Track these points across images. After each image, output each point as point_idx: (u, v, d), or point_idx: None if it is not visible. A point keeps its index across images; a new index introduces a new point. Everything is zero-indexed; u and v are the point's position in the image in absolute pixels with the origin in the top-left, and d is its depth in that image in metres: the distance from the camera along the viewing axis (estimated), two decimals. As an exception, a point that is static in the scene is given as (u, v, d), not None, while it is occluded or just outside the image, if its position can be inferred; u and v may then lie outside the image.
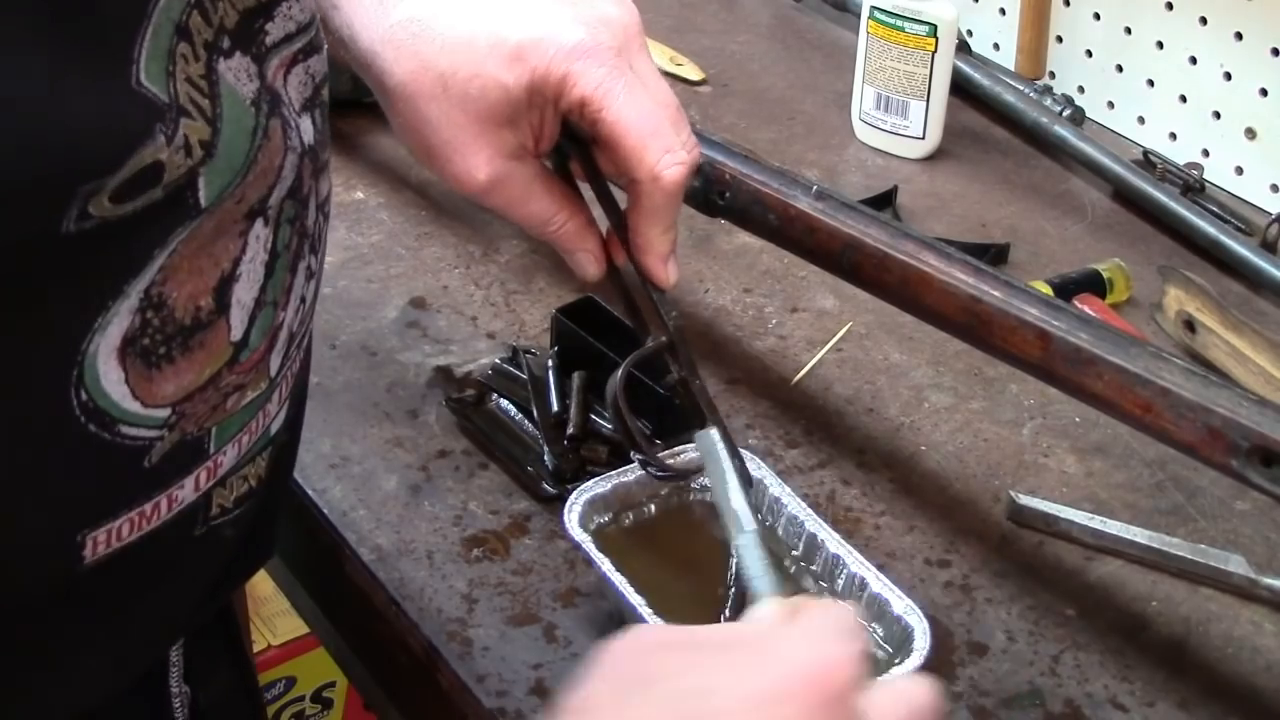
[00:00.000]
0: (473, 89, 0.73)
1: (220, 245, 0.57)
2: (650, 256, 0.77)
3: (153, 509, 0.59)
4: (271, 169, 0.59)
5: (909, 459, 0.93)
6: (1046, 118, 1.27)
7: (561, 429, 0.90)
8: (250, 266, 0.59)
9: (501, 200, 0.77)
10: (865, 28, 1.25)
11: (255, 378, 0.62)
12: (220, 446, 0.62)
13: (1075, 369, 0.75)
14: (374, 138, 1.25)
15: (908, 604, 0.75)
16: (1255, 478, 0.69)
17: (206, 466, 0.62)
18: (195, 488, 0.61)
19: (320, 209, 0.67)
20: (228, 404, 0.61)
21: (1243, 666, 0.79)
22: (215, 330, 0.58)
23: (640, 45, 0.75)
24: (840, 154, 1.29)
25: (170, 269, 0.55)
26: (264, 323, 0.61)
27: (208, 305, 0.57)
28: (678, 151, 0.73)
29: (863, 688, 0.52)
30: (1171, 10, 1.25)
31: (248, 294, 0.59)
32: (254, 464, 0.66)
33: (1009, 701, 0.76)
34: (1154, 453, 0.93)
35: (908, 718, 0.55)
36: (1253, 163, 1.23)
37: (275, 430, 0.67)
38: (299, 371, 0.70)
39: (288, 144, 0.60)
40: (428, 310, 1.04)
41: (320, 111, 0.66)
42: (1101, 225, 1.20)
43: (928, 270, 0.81)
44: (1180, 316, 1.03)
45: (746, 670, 0.52)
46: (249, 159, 0.57)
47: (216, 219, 0.56)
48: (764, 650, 0.54)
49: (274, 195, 0.60)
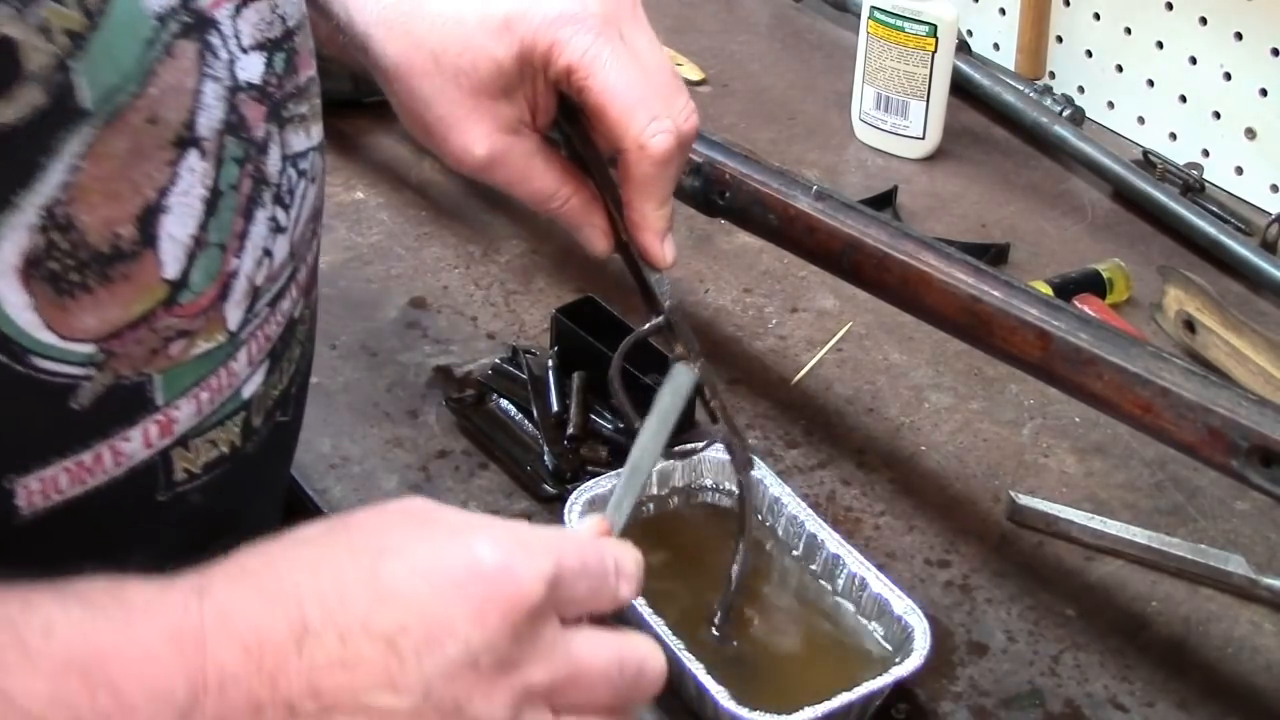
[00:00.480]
0: (464, 63, 0.73)
1: (141, 171, 0.56)
2: (645, 233, 0.75)
3: (94, 460, 0.58)
4: (184, 91, 0.57)
5: (909, 459, 0.93)
6: (1046, 118, 1.27)
7: (561, 429, 0.90)
8: (184, 200, 0.58)
9: (502, 176, 0.76)
10: (865, 28, 1.25)
11: (206, 326, 0.61)
12: (171, 399, 0.61)
13: (1075, 369, 0.75)
14: (374, 138, 1.25)
15: (908, 604, 0.75)
16: (1255, 478, 0.69)
17: (157, 420, 0.60)
18: (146, 443, 0.60)
19: (291, 162, 0.66)
20: (171, 350, 0.60)
21: (1242, 666, 0.79)
22: (141, 263, 0.57)
23: (632, 14, 0.74)
24: (840, 154, 1.29)
25: (76, 188, 0.53)
26: (208, 266, 0.60)
27: (129, 234, 0.56)
28: (663, 120, 0.71)
29: (549, 614, 0.54)
30: (1171, 10, 1.25)
31: (181, 230, 0.58)
32: (224, 428, 0.65)
33: (1009, 701, 0.76)
34: (1154, 453, 0.93)
35: (617, 663, 0.56)
36: (1253, 163, 1.23)
37: (250, 395, 0.66)
38: (283, 336, 0.69)
39: (206, 71, 0.59)
40: (428, 310, 1.04)
41: (285, 57, 0.65)
42: (1101, 225, 1.19)
43: (928, 270, 0.81)
44: (1180, 316, 1.03)
45: (441, 549, 0.54)
46: (143, 69, 0.55)
47: (129, 139, 0.55)
48: (471, 541, 0.54)
49: (201, 124, 0.59)
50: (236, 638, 0.51)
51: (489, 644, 0.52)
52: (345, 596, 0.52)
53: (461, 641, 0.52)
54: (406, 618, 0.52)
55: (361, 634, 0.52)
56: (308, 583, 0.52)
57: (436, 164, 1.22)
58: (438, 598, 0.53)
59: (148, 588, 0.52)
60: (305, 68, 0.68)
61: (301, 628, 0.51)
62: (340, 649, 0.51)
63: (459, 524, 0.56)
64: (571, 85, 0.72)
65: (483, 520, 0.57)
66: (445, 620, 0.52)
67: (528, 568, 0.54)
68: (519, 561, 0.54)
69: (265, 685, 0.51)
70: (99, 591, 0.52)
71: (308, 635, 0.51)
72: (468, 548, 0.54)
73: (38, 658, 0.49)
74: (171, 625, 0.51)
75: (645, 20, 0.75)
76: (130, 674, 0.50)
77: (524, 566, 0.54)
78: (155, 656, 0.50)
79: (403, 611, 0.52)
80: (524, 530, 0.57)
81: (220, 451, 0.65)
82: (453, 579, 0.53)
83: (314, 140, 0.70)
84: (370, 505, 0.58)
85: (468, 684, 0.52)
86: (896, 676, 0.71)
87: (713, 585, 0.77)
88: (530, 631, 0.54)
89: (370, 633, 0.52)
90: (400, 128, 1.26)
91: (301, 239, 0.69)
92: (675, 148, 0.72)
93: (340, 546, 0.54)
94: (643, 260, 0.76)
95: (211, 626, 0.51)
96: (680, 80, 0.75)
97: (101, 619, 0.51)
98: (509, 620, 0.53)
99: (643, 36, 0.74)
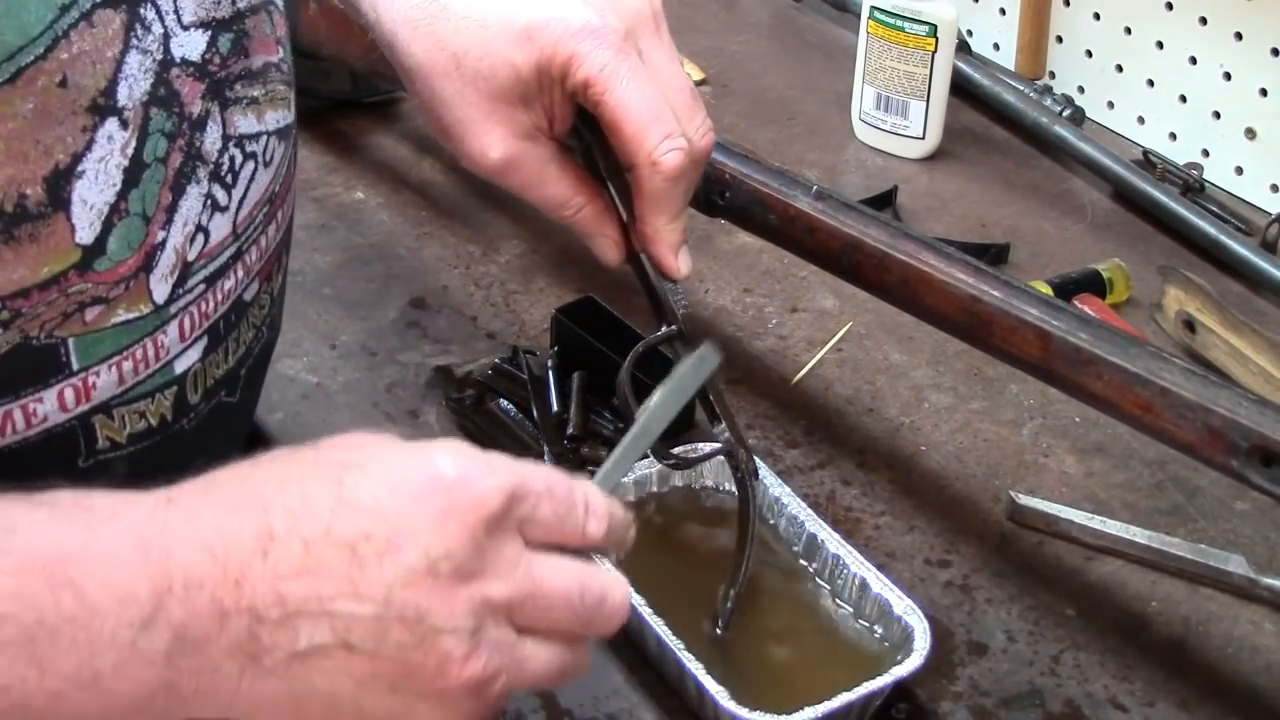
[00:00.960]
0: (483, 68, 0.73)
1: (52, 134, 0.56)
2: (659, 246, 0.76)
3: (4, 418, 0.59)
4: (102, 59, 0.58)
5: (909, 459, 0.93)
6: (1046, 118, 1.27)
7: (561, 429, 0.90)
8: (100, 167, 0.59)
9: (516, 181, 0.77)
10: (865, 28, 1.25)
11: (128, 296, 0.62)
12: (88, 364, 0.61)
13: (1075, 369, 0.75)
14: (374, 138, 1.25)
15: (908, 604, 0.75)
16: (1255, 478, 0.69)
17: (73, 384, 0.61)
18: (61, 406, 0.61)
19: (235, 143, 0.67)
20: (86, 315, 0.60)
21: (1242, 666, 0.79)
22: (51, 225, 0.58)
23: (653, 28, 0.75)
24: (840, 154, 1.29)
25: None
26: (128, 235, 0.61)
27: (37, 195, 0.57)
28: (677, 137, 0.72)
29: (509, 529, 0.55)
30: (1171, 10, 1.25)
31: (97, 196, 0.59)
32: (153, 400, 0.65)
33: (1009, 701, 0.76)
34: (1154, 453, 0.93)
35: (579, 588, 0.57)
36: (1253, 163, 1.23)
37: (183, 370, 0.66)
38: (228, 315, 0.69)
39: (133, 42, 0.59)
40: (428, 310, 1.04)
41: (233, 39, 0.66)
42: (1101, 225, 1.19)
43: (928, 270, 0.81)
44: (1180, 316, 1.03)
45: (404, 462, 0.55)
46: (54, 33, 0.56)
47: (35, 100, 0.55)
48: (433, 455, 0.56)
49: (121, 94, 0.59)
50: (203, 544, 0.52)
51: (447, 551, 0.53)
52: (310, 505, 0.53)
53: (421, 548, 0.53)
54: (369, 525, 0.53)
55: (324, 541, 0.53)
56: (273, 492, 0.54)
57: (437, 164, 1.22)
58: (398, 507, 0.54)
59: (114, 497, 0.53)
60: (261, 51, 0.69)
61: (267, 535, 0.53)
62: (304, 556, 0.52)
63: (423, 444, 0.58)
64: (588, 98, 0.73)
65: (449, 442, 0.58)
66: (405, 528, 0.53)
67: (487, 479, 0.55)
68: (478, 473, 0.55)
69: (230, 591, 0.52)
70: (65, 497, 0.53)
71: (273, 542, 0.52)
72: (429, 460, 0.56)
73: (1, 555, 0.50)
74: (137, 529, 0.52)
75: (667, 35, 0.76)
76: (94, 575, 0.50)
77: (483, 478, 0.55)
78: (120, 559, 0.51)
79: (365, 519, 0.53)
80: (493, 455, 0.58)
81: (148, 423, 0.66)
82: (413, 489, 0.54)
83: (268, 125, 0.70)
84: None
85: (427, 591, 0.53)
86: (896, 677, 0.71)
87: (713, 585, 0.77)
88: (490, 543, 0.55)
89: (333, 540, 0.53)
90: (400, 128, 1.27)
91: (250, 221, 0.69)
92: (688, 164, 0.73)
93: (306, 462, 0.56)
94: (658, 272, 0.77)
95: (177, 532, 0.52)
96: (698, 97, 0.75)
97: (67, 521, 0.52)
98: (467, 528, 0.54)
99: (662, 52, 0.75)
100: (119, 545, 0.51)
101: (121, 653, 0.50)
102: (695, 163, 0.74)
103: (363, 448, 0.57)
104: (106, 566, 0.51)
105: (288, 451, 0.57)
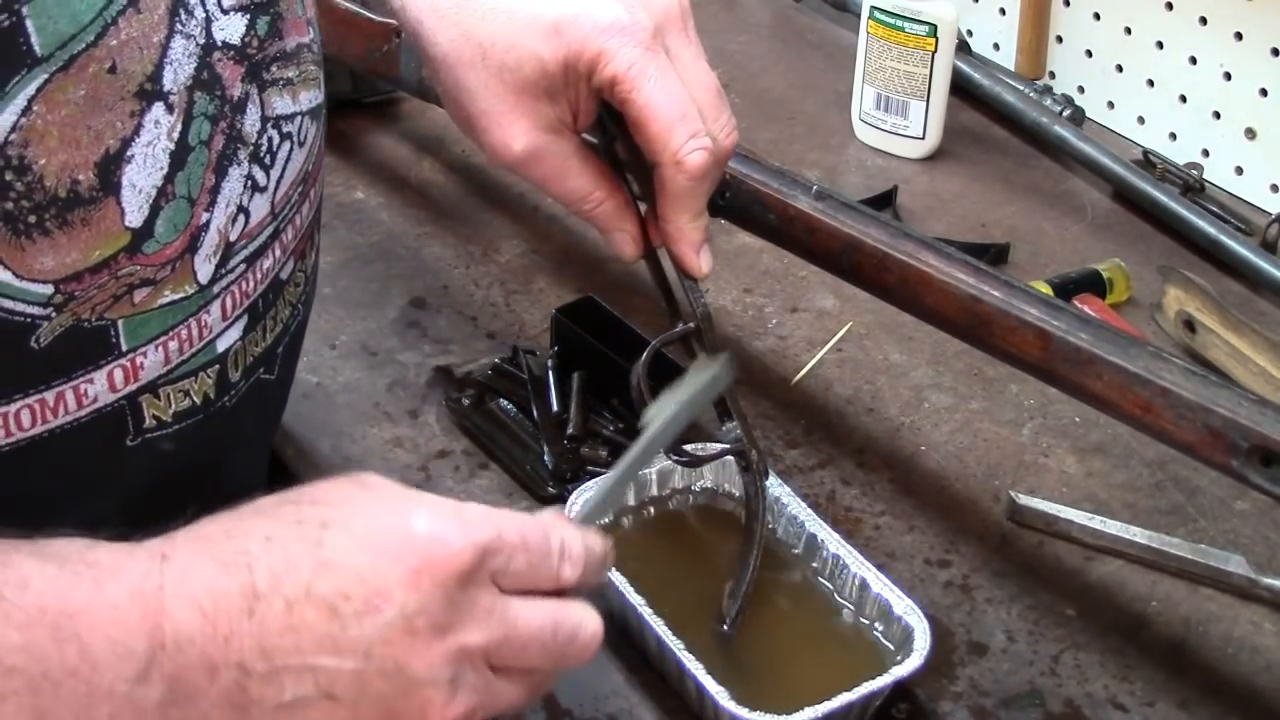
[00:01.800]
0: (510, 60, 0.73)
1: (102, 120, 0.57)
2: (681, 245, 0.76)
3: (56, 400, 0.60)
4: (149, 44, 0.58)
5: (909, 459, 0.93)
6: (1046, 118, 1.27)
7: (561, 429, 0.90)
8: (147, 151, 0.59)
9: (538, 174, 0.77)
10: (865, 28, 1.25)
11: (173, 277, 0.63)
12: (136, 345, 0.62)
13: (1075, 369, 0.75)
14: (374, 138, 1.25)
15: (909, 604, 0.75)
16: (1255, 478, 0.69)
17: (122, 365, 0.62)
18: (110, 386, 0.62)
19: (273, 124, 0.67)
20: (135, 297, 0.61)
21: (1242, 666, 0.79)
22: (102, 209, 0.58)
23: (681, 26, 0.75)
24: (840, 154, 1.29)
25: (30, 130, 0.55)
26: (175, 217, 0.61)
27: (89, 180, 0.57)
28: (702, 137, 0.72)
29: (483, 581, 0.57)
30: (1171, 10, 1.25)
31: (145, 179, 0.60)
32: (196, 379, 0.66)
33: (1009, 701, 0.76)
34: (1154, 453, 0.93)
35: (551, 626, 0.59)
36: (1253, 163, 1.23)
37: (225, 348, 0.67)
38: (266, 294, 0.70)
39: (178, 27, 0.60)
40: (428, 310, 1.04)
41: (270, 21, 0.66)
42: (1101, 225, 1.19)
43: (928, 270, 0.81)
44: (1180, 316, 1.03)
45: (380, 522, 0.57)
46: (103, 20, 0.56)
47: (87, 86, 0.56)
48: (408, 513, 0.57)
49: (167, 79, 0.59)
50: (194, 601, 0.54)
51: (422, 607, 0.55)
52: (291, 565, 0.55)
53: (397, 606, 0.55)
54: (347, 585, 0.55)
55: (305, 601, 0.55)
56: (258, 551, 0.55)
57: (437, 164, 1.22)
58: (375, 566, 0.55)
59: (115, 550, 0.55)
60: (294, 33, 0.69)
61: (252, 594, 0.54)
62: (287, 615, 0.54)
63: (401, 498, 0.59)
64: (614, 96, 0.72)
65: (427, 496, 0.59)
66: (382, 587, 0.55)
67: (459, 536, 0.57)
68: (450, 530, 0.57)
69: (219, 647, 0.54)
70: (72, 551, 0.54)
71: (258, 601, 0.54)
72: (404, 519, 0.57)
73: (12, 610, 0.52)
74: (135, 586, 0.54)
75: (694, 33, 0.76)
76: (96, 630, 0.52)
77: (455, 535, 0.57)
78: (120, 615, 0.53)
79: (343, 579, 0.55)
80: (469, 507, 0.59)
81: (192, 401, 0.66)
82: (389, 548, 0.56)
83: (302, 105, 0.70)
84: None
85: (405, 646, 0.55)
86: (896, 677, 0.71)
87: (711, 585, 0.77)
88: (463, 596, 0.56)
89: (313, 600, 0.55)
90: (400, 128, 1.27)
91: (286, 200, 0.70)
92: (711, 164, 0.73)
93: (289, 519, 0.57)
94: (679, 270, 0.77)
95: (170, 589, 0.54)
96: (723, 96, 0.75)
97: (73, 577, 0.53)
98: (441, 585, 0.56)
99: (690, 50, 0.75)
100: (119, 602, 0.53)
101: (118, 704, 0.53)
102: (718, 162, 0.74)
103: (345, 505, 0.58)
104: (107, 623, 0.53)
105: (274, 503, 0.58)
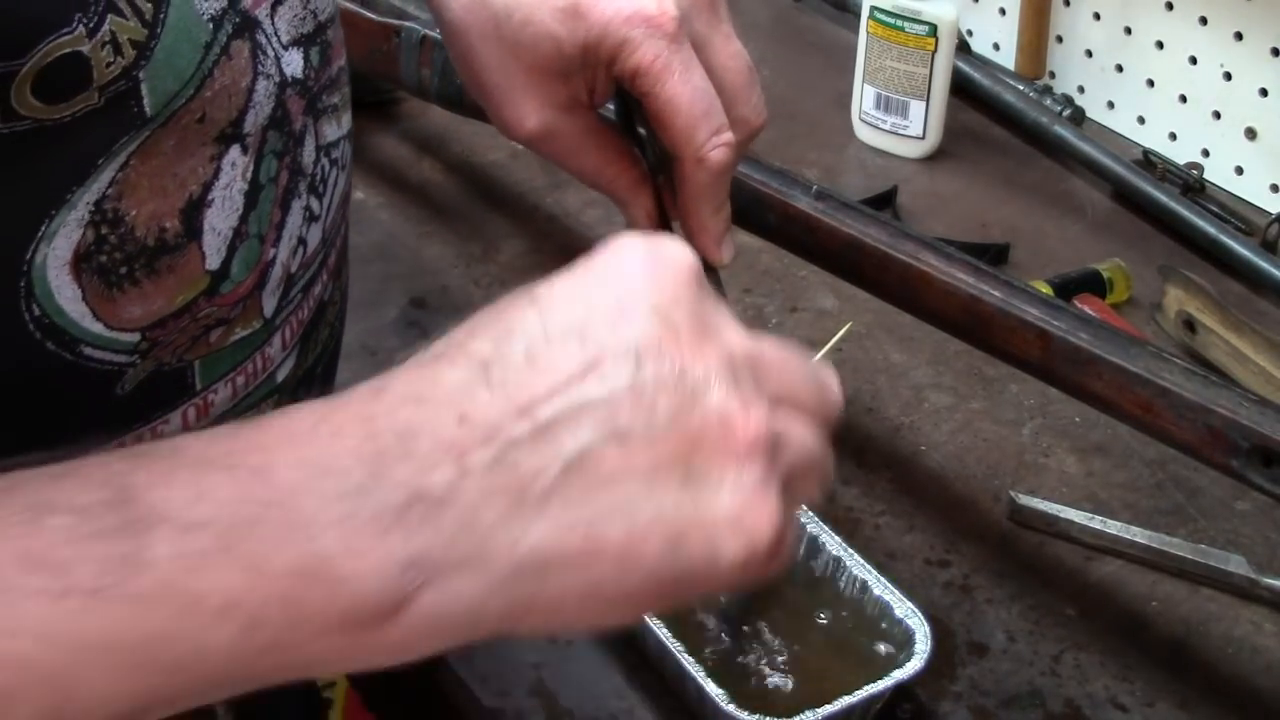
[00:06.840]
0: (524, 36, 0.70)
1: (186, 166, 0.57)
2: (704, 238, 0.73)
3: (135, 442, 0.59)
4: (237, 90, 0.58)
5: (909, 459, 0.92)
6: (1046, 118, 1.27)
7: (562, 429, 0.89)
8: (225, 194, 0.59)
9: (552, 150, 0.74)
10: (865, 28, 1.25)
11: (244, 314, 0.62)
12: (209, 383, 0.62)
13: (1075, 369, 0.75)
14: (374, 138, 1.25)
15: (909, 607, 0.75)
16: (1255, 478, 0.69)
17: (195, 403, 0.62)
18: (184, 424, 0.62)
19: (324, 152, 0.67)
20: (210, 338, 0.61)
21: (1243, 666, 0.79)
22: (186, 255, 0.58)
23: (711, 11, 0.71)
24: (840, 154, 1.29)
25: (125, 184, 0.54)
26: (247, 256, 0.61)
27: (174, 228, 0.57)
28: (725, 133, 0.69)
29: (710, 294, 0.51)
30: (1171, 10, 1.25)
31: (223, 222, 0.59)
32: (258, 410, 0.66)
33: (1009, 701, 0.76)
34: (1154, 453, 0.93)
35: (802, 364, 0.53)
36: (1253, 163, 1.23)
37: (283, 378, 0.67)
38: (313, 320, 0.69)
39: (259, 70, 0.60)
40: (428, 310, 1.04)
41: (320, 51, 0.66)
42: (1101, 225, 1.19)
43: (928, 270, 0.81)
44: (1180, 316, 1.03)
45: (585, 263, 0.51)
46: (201, 73, 0.56)
47: (176, 136, 0.56)
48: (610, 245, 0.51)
49: (249, 121, 0.59)
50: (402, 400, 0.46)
51: (676, 299, 0.49)
52: (514, 325, 0.49)
53: (649, 304, 0.48)
54: (583, 312, 0.48)
55: (545, 342, 0.47)
56: (464, 338, 0.49)
57: (437, 164, 1.22)
58: (605, 288, 0.49)
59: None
60: (337, 58, 0.69)
61: (479, 364, 0.47)
62: (529, 365, 0.47)
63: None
64: (635, 88, 0.69)
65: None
66: (623, 295, 0.48)
67: (674, 243, 0.51)
68: (663, 239, 0.51)
69: (454, 429, 0.45)
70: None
71: (490, 366, 0.47)
72: (612, 246, 0.50)
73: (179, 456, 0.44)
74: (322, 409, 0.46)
75: (725, 11, 0.72)
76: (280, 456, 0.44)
77: (669, 242, 0.51)
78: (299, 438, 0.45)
79: (578, 306, 0.48)
80: None
81: None
82: (614, 266, 0.50)
83: (344, 129, 0.70)
84: None
85: (672, 346, 0.48)
86: (896, 680, 0.71)
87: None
88: (707, 299, 0.50)
89: (554, 336, 0.47)
90: (400, 128, 1.27)
91: (333, 225, 0.70)
92: (734, 158, 0.71)
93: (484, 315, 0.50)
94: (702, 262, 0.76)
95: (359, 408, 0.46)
96: (754, 75, 0.73)
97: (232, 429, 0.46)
98: (683, 282, 0.49)
99: (719, 32, 0.71)
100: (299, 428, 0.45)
101: (344, 526, 0.42)
102: (742, 147, 0.72)
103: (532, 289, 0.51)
104: (288, 445, 0.44)
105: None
